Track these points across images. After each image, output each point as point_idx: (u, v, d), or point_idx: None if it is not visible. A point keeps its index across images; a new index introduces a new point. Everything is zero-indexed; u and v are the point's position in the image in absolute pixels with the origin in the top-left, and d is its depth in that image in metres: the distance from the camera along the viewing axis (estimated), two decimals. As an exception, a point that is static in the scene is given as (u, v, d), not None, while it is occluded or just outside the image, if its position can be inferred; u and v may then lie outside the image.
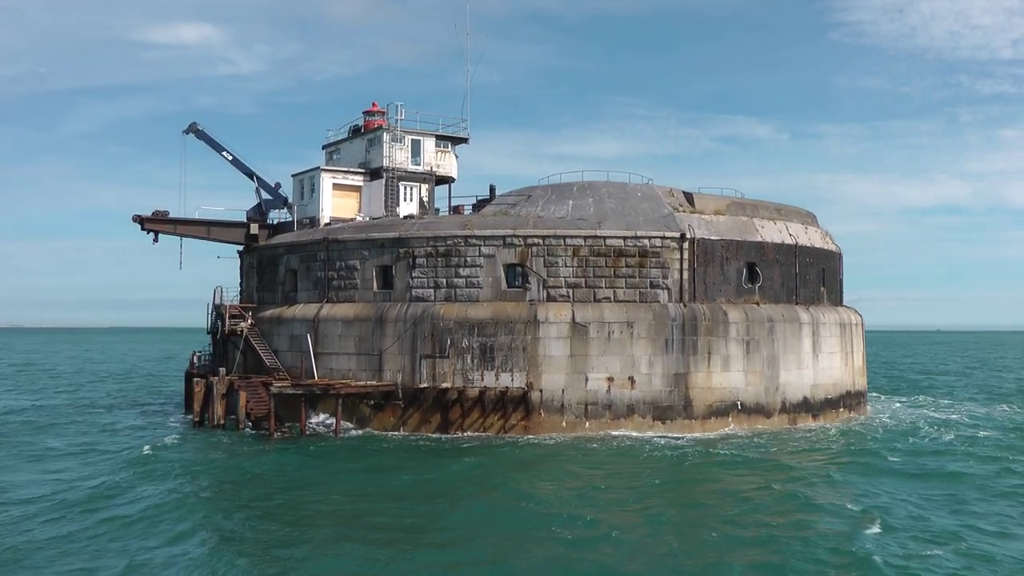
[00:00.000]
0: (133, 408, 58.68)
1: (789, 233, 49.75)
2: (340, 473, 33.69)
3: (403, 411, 44.05)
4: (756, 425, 44.96)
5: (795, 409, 47.02)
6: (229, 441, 41.30)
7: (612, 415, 42.94)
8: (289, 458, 36.45)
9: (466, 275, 44.45)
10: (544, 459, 36.56)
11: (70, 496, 29.50)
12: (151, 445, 39.78)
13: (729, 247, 46.36)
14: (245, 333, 48.80)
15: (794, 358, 47.36)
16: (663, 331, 43.71)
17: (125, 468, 34.33)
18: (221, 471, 33.89)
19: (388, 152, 52.05)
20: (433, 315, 43.86)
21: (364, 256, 46.52)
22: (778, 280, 48.21)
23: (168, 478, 32.47)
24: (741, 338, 45.27)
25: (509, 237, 44.19)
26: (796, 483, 31.68)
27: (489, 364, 43.07)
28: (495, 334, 43.11)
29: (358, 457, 37.11)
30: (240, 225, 53.40)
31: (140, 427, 48.07)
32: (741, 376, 45.16)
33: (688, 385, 43.87)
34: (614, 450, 38.56)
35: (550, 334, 43.02)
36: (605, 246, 44.23)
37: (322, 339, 46.62)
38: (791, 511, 27.67)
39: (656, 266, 44.52)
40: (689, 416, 43.75)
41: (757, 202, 50.40)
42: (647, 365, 43.46)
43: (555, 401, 42.83)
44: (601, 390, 42.98)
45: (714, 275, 45.78)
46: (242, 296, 54.92)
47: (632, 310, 43.71)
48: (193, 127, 54.54)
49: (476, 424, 42.91)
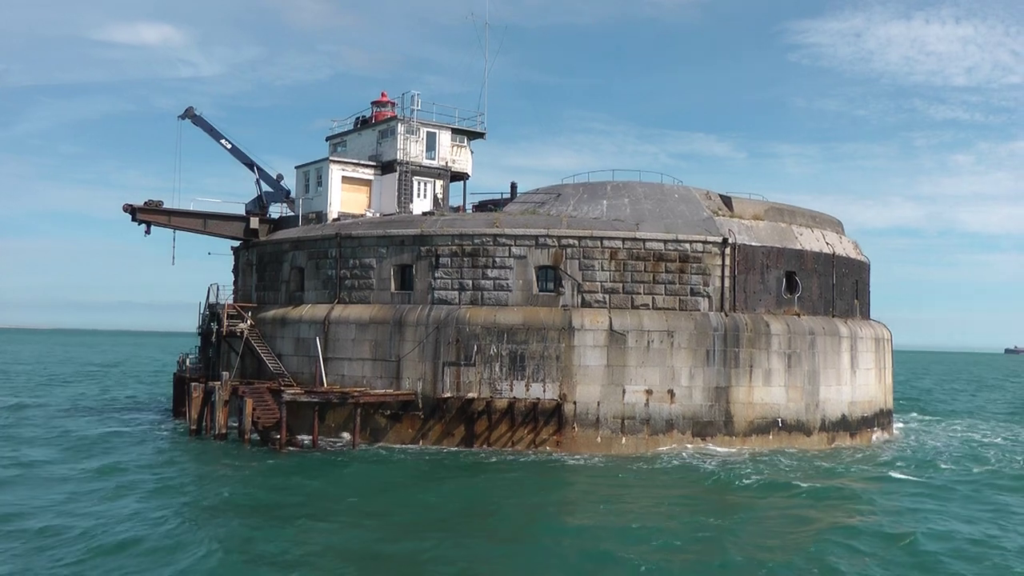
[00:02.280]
0: (114, 413, 54.26)
1: (826, 242, 47.29)
2: (369, 495, 30.03)
3: (423, 423, 40.58)
4: (796, 444, 42.26)
5: (834, 427, 44.43)
6: (236, 454, 37.49)
7: (650, 431, 39.92)
8: (309, 479, 32.01)
9: (494, 277, 41.17)
10: (582, 484, 33.04)
11: (69, 525, 25.57)
12: (149, 459, 35.82)
13: (770, 254, 43.72)
14: (245, 335, 44.94)
15: (834, 373, 44.80)
16: (704, 341, 40.84)
17: (128, 492, 29.81)
18: (234, 493, 29.56)
19: (402, 144, 48.60)
20: (458, 319, 40.50)
21: (381, 254, 43.01)
22: (816, 291, 45.67)
23: (175, 497, 28.69)
24: (783, 351, 42.59)
25: (542, 237, 41.02)
26: (887, 517, 28.52)
27: (519, 373, 39.81)
28: (526, 341, 39.88)
29: (383, 475, 33.44)
30: (239, 219, 49.56)
31: (129, 436, 43.80)
32: (782, 391, 42.45)
33: (729, 400, 41.04)
34: (657, 474, 35.20)
35: (585, 342, 39.90)
36: (644, 249, 41.27)
37: (333, 343, 42.99)
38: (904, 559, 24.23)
39: (697, 272, 41.67)
40: (730, 433, 40.91)
41: (794, 208, 47.89)
42: (687, 378, 40.54)
43: (589, 415, 39.69)
44: (639, 403, 39.95)
45: (754, 284, 43.08)
46: (236, 295, 51.05)
47: (672, 318, 40.78)
48: (190, 112, 50.67)
49: (503, 438, 39.59)
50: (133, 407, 58.72)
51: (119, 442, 41.06)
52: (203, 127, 50.71)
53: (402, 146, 48.61)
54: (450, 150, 50.91)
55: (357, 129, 52.35)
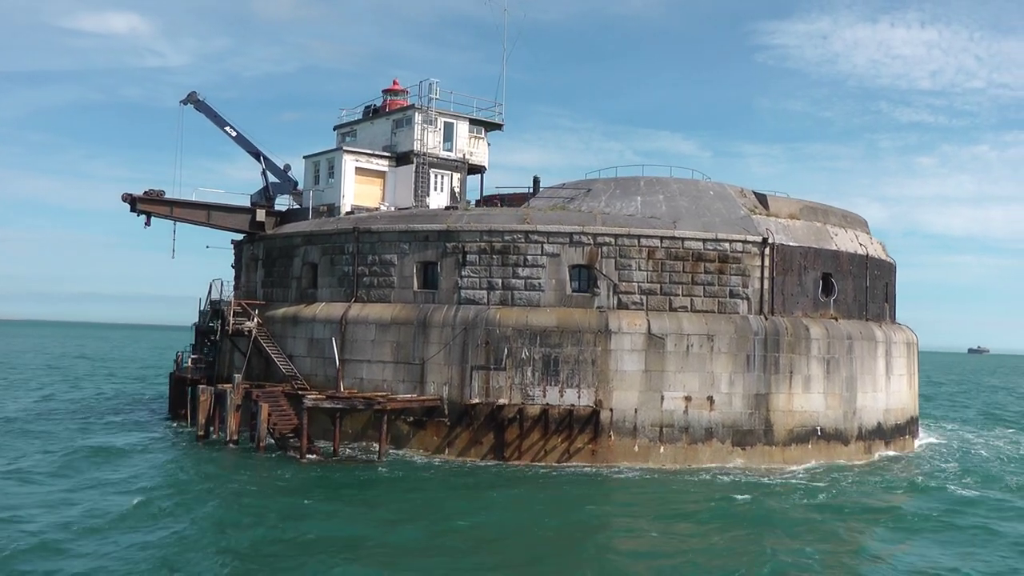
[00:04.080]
0: (107, 415, 51.23)
1: (859, 243, 45.66)
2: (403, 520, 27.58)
3: (449, 430, 38.27)
4: (835, 453, 40.57)
5: (870, 436, 42.79)
6: (253, 464, 34.90)
7: (689, 439, 37.96)
8: (334, 503, 28.67)
9: (525, 276, 38.95)
10: (627, 499, 30.95)
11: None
12: (164, 472, 33.05)
13: (807, 255, 41.94)
14: (254, 334, 42.30)
15: (870, 380, 43.18)
16: (745, 346, 38.96)
17: (154, 521, 26.24)
18: (262, 512, 26.93)
19: (420, 135, 46.15)
20: (488, 320, 38.22)
21: (403, 250, 40.58)
22: (850, 293, 44.01)
23: (195, 512, 26.16)
24: (822, 356, 40.85)
25: (577, 234, 38.85)
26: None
27: (553, 378, 37.65)
28: (560, 344, 37.71)
29: (414, 493, 30.67)
30: (245, 211, 46.86)
31: (132, 441, 40.93)
32: (821, 399, 40.71)
33: (769, 407, 39.19)
34: (705, 489, 33.24)
35: (623, 346, 37.82)
36: (683, 249, 39.27)
37: (350, 344, 40.51)
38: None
39: (736, 273, 39.76)
40: (769, 442, 39.08)
41: (827, 207, 46.17)
42: (727, 384, 38.63)
43: (626, 422, 37.63)
44: (678, 411, 37.97)
45: (791, 286, 41.28)
46: (238, 291, 48.29)
47: (712, 321, 38.84)
48: (192, 97, 47.80)
49: (536, 448, 37.39)
50: (121, 408, 55.55)
51: (124, 450, 38.05)
52: (206, 113, 47.88)
53: (419, 136, 46.17)
54: (468, 142, 48.57)
55: (369, 118, 49.81)
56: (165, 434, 42.96)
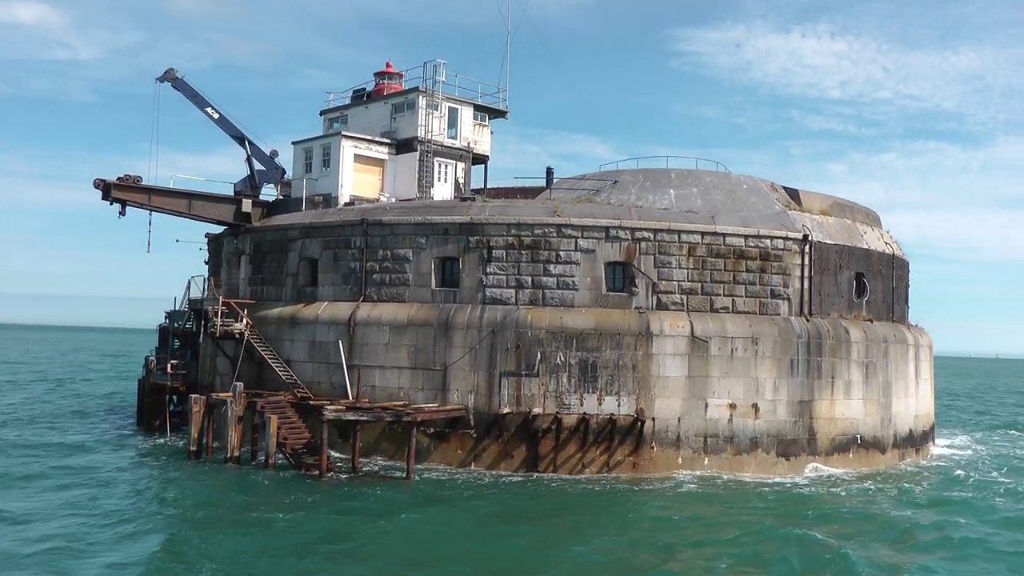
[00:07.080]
0: (60, 426, 45.95)
1: (885, 242, 43.79)
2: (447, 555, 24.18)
3: (475, 442, 34.77)
4: (874, 462, 38.51)
5: (903, 443, 40.93)
6: (267, 485, 30.70)
7: (734, 450, 35.31)
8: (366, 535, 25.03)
9: (558, 273, 35.71)
10: (687, 514, 28.20)
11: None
12: (160, 502, 28.57)
13: (842, 254, 39.80)
14: (246, 337, 38.02)
15: (903, 385, 41.32)
16: (788, 350, 36.52)
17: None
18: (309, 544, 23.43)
19: (423, 120, 42.45)
20: (518, 322, 34.85)
21: (420, 244, 36.89)
22: (880, 294, 42.08)
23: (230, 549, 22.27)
24: (861, 361, 38.73)
25: (614, 229, 35.79)
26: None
27: (590, 385, 34.52)
28: (598, 348, 34.60)
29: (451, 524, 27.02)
30: (229, 200, 42.42)
31: (108, 463, 36.20)
32: (860, 405, 38.57)
33: (812, 415, 36.85)
34: (761, 501, 30.67)
35: (665, 350, 34.94)
36: (724, 245, 36.60)
37: (359, 348, 36.64)
38: None
39: (777, 272, 37.30)
40: (812, 452, 36.75)
41: (853, 204, 44.18)
42: (772, 390, 36.12)
43: (669, 432, 34.76)
44: (722, 419, 35.28)
45: (828, 286, 39.05)
46: (217, 289, 43.63)
47: (756, 323, 36.27)
48: (170, 74, 43.04)
49: (573, 460, 34.20)
50: (74, 421, 50.20)
51: (102, 473, 33.26)
52: (185, 92, 43.19)
53: (423, 122, 42.45)
54: (472, 129, 45.05)
55: (363, 102, 45.82)
56: (143, 450, 38.19)
